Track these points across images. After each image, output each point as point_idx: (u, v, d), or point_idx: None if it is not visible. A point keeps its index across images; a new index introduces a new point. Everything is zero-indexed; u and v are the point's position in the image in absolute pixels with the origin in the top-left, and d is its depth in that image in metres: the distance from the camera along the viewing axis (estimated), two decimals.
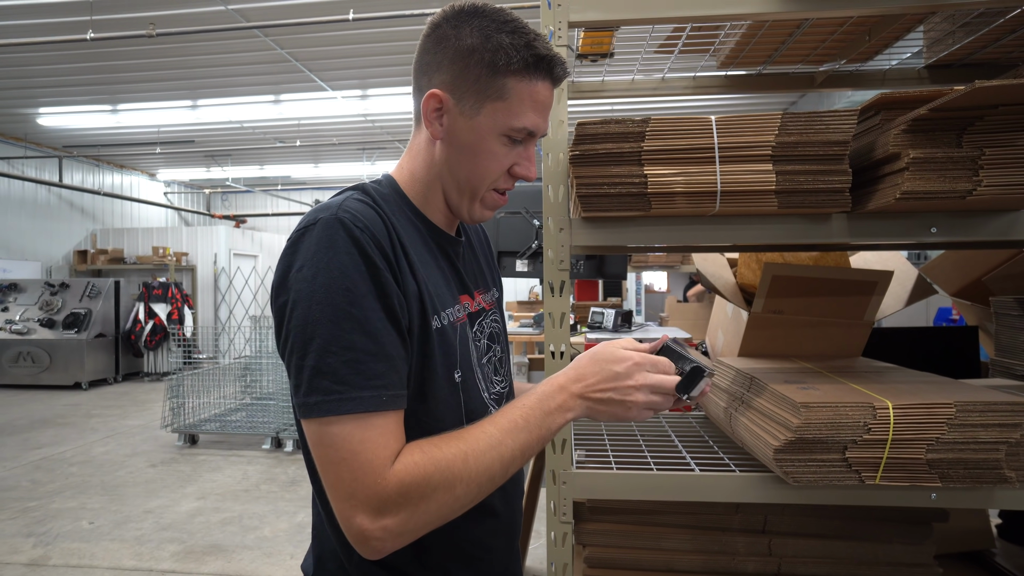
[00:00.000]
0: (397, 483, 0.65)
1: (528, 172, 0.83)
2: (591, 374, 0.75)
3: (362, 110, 7.39)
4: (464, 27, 0.77)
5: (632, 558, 1.35)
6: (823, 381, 1.15)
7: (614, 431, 1.45)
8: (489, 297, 0.94)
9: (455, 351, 0.79)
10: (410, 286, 0.74)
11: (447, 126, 0.79)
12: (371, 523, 0.64)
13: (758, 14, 1.03)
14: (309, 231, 0.70)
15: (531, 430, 0.72)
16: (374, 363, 0.66)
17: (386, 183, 0.84)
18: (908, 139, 0.90)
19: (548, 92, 0.80)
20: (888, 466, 0.98)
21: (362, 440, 0.64)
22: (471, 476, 0.68)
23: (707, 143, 0.97)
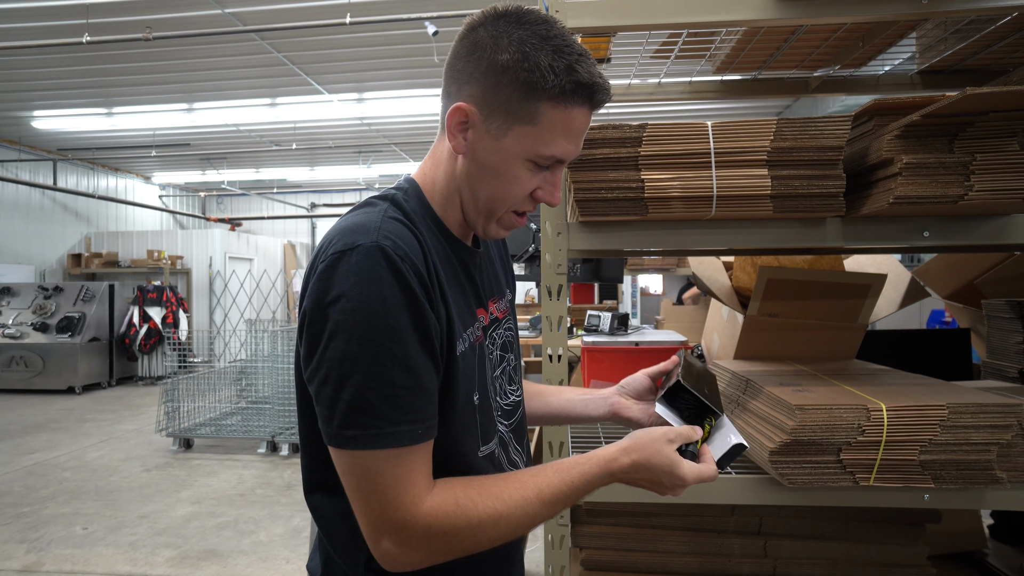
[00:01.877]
0: (425, 525, 0.66)
1: (552, 198, 0.78)
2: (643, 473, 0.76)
3: (359, 113, 7.40)
4: (503, 38, 0.70)
5: (628, 560, 1.36)
6: (818, 383, 1.16)
7: (612, 435, 1.46)
8: (503, 304, 0.92)
9: (474, 374, 0.79)
10: (442, 312, 0.73)
11: (471, 142, 0.74)
12: (395, 548, 0.67)
13: (753, 21, 1.04)
14: (347, 257, 0.67)
15: (567, 503, 0.74)
16: (412, 398, 0.66)
17: (412, 193, 0.79)
18: (901, 144, 0.91)
19: (585, 119, 0.74)
20: (882, 467, 0.99)
21: (395, 475, 0.65)
22: (498, 536, 0.70)
23: (703, 148, 0.98)
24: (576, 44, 0.71)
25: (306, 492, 0.79)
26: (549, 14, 0.75)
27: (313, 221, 13.65)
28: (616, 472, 0.76)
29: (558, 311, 1.10)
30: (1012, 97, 0.84)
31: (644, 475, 0.76)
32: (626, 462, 0.76)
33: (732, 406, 1.27)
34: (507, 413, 0.87)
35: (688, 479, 0.76)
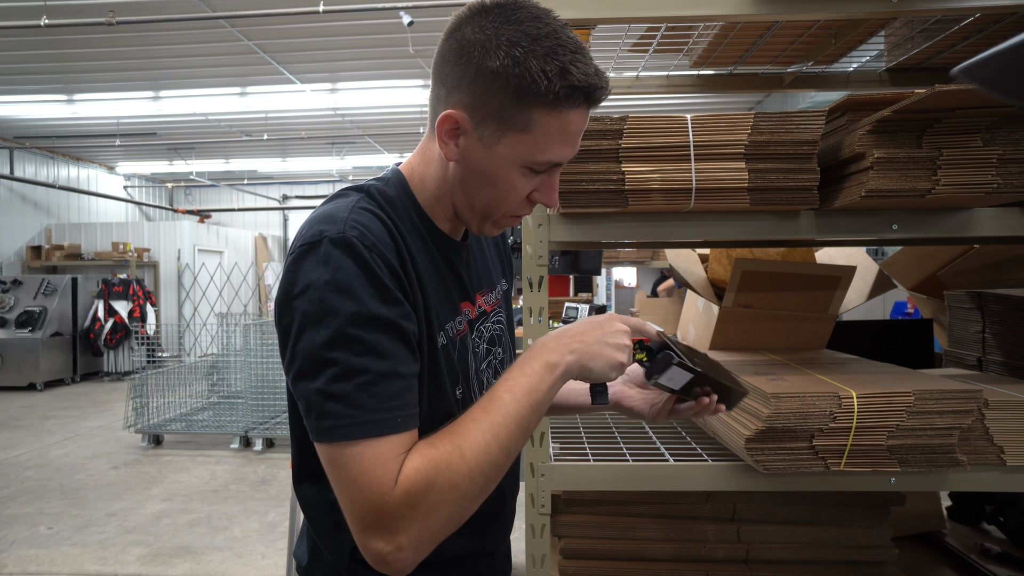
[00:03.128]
0: (402, 494, 0.63)
1: (549, 200, 0.75)
2: (574, 329, 0.74)
3: (332, 104, 7.28)
4: (491, 40, 0.66)
5: (607, 548, 1.38)
6: (791, 372, 1.19)
7: (590, 425, 1.48)
8: (492, 297, 0.90)
9: (455, 368, 0.78)
10: (419, 302, 0.71)
11: (463, 149, 0.71)
12: (385, 544, 0.63)
13: (729, 16, 1.06)
14: (314, 249, 0.66)
15: (519, 400, 0.68)
16: (387, 384, 0.65)
17: (394, 182, 0.78)
18: (872, 139, 0.94)
19: (582, 119, 0.71)
20: (852, 453, 1.03)
21: (372, 459, 0.63)
22: (471, 467, 0.65)
23: (683, 141, 0.99)
24: (570, 40, 0.67)
25: (295, 481, 0.79)
26: (540, 6, 0.70)
27: (285, 213, 13.42)
28: (545, 342, 0.73)
29: (539, 302, 1.10)
30: (977, 95, 0.87)
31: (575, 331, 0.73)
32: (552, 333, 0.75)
33: None
34: None
35: (614, 316, 0.75)
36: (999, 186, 0.93)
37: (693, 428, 1.42)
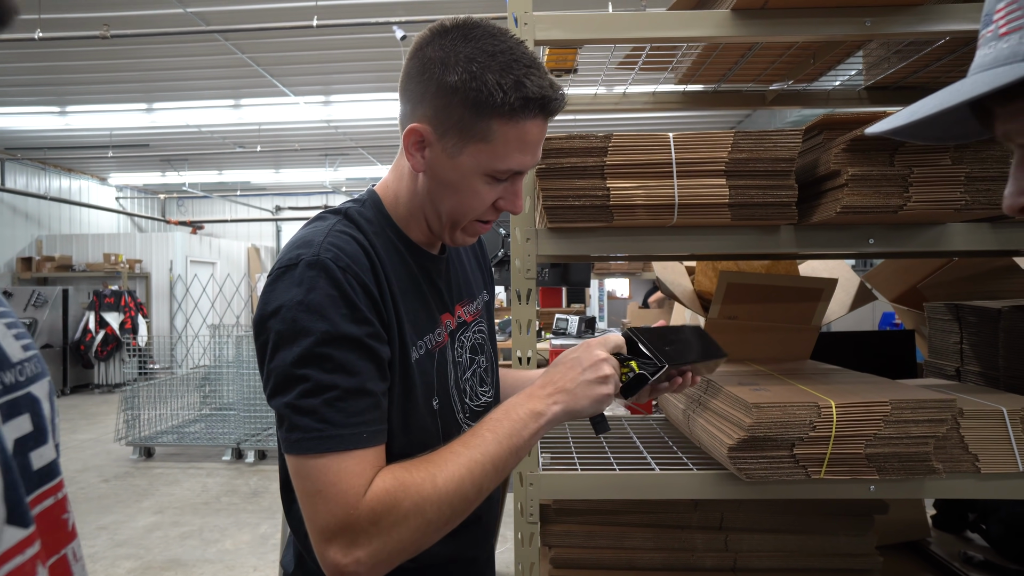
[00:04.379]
0: (368, 511, 0.64)
1: (513, 207, 0.79)
2: (558, 374, 0.76)
3: (325, 116, 7.32)
4: (450, 57, 0.70)
5: (596, 557, 1.40)
6: (774, 383, 1.22)
7: (579, 435, 1.50)
8: (474, 307, 0.93)
9: (432, 379, 0.80)
10: (391, 319, 0.74)
11: (428, 161, 0.75)
12: (344, 556, 0.64)
13: (710, 37, 1.10)
14: (290, 271, 0.69)
15: (500, 442, 0.70)
16: (355, 401, 0.67)
17: (370, 203, 0.81)
18: (847, 157, 0.98)
19: (539, 130, 0.74)
20: (831, 461, 1.05)
21: (338, 472, 0.65)
22: (441, 498, 0.67)
23: (665, 159, 1.03)
24: (525, 55, 0.72)
25: (282, 493, 0.80)
26: (497, 26, 0.74)
27: (278, 224, 13.41)
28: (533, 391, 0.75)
29: (527, 315, 1.13)
30: None
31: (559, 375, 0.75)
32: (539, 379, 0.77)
33: (694, 405, 1.33)
34: (476, 414, 0.88)
35: (593, 342, 0.77)
36: (967, 203, 0.96)
37: (679, 437, 1.45)
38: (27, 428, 0.36)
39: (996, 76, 0.43)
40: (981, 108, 0.45)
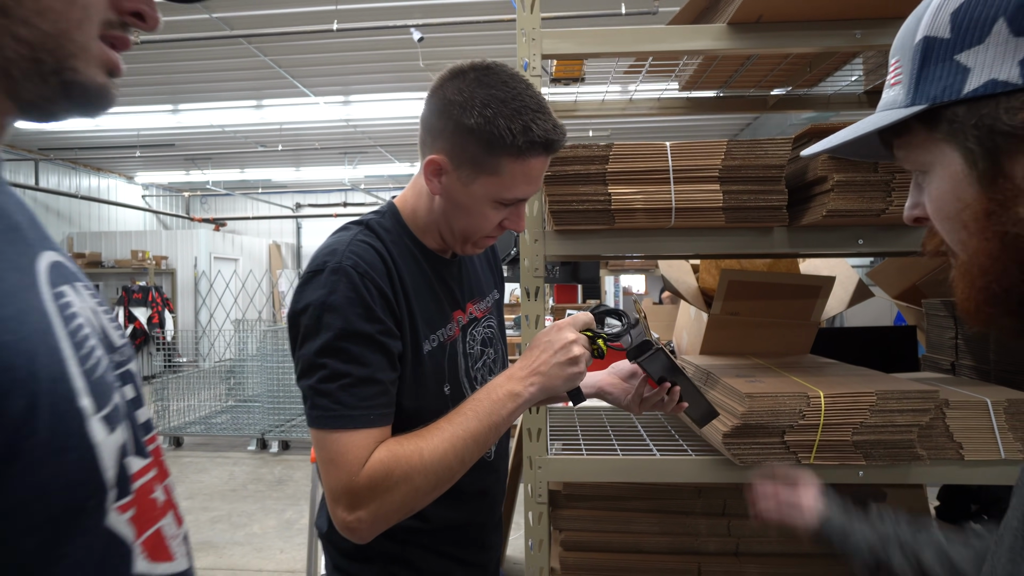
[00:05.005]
0: (366, 478, 0.76)
1: (517, 227, 0.90)
2: (533, 357, 0.84)
3: (344, 115, 7.46)
4: (468, 101, 0.80)
5: (604, 540, 1.48)
6: (769, 375, 1.29)
7: (586, 423, 1.58)
8: (484, 305, 1.03)
9: (443, 369, 0.91)
10: (405, 318, 0.85)
11: (445, 186, 0.86)
12: (348, 515, 0.77)
13: (707, 50, 1.17)
14: (317, 276, 0.81)
15: (480, 419, 0.80)
16: (365, 388, 0.78)
17: (389, 215, 0.92)
18: (833, 164, 1.04)
19: (542, 164, 0.85)
20: (820, 447, 1.12)
21: (346, 445, 0.77)
22: (427, 468, 0.77)
23: (663, 166, 1.10)
24: (532, 100, 0.82)
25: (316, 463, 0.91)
26: (509, 70, 0.84)
27: (298, 221, 13.64)
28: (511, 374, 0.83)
29: (536, 310, 1.22)
30: None
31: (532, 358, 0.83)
32: (516, 362, 0.85)
33: None
34: None
35: (563, 324, 0.85)
36: None
37: (681, 426, 1.52)
38: (132, 394, 0.47)
39: (879, 119, 0.52)
40: (883, 137, 0.54)
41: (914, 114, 0.49)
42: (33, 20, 0.40)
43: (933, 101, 0.48)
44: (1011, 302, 0.47)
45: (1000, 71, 0.45)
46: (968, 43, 0.47)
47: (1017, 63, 0.45)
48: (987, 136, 0.47)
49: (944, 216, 0.52)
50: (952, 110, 0.48)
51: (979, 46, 0.46)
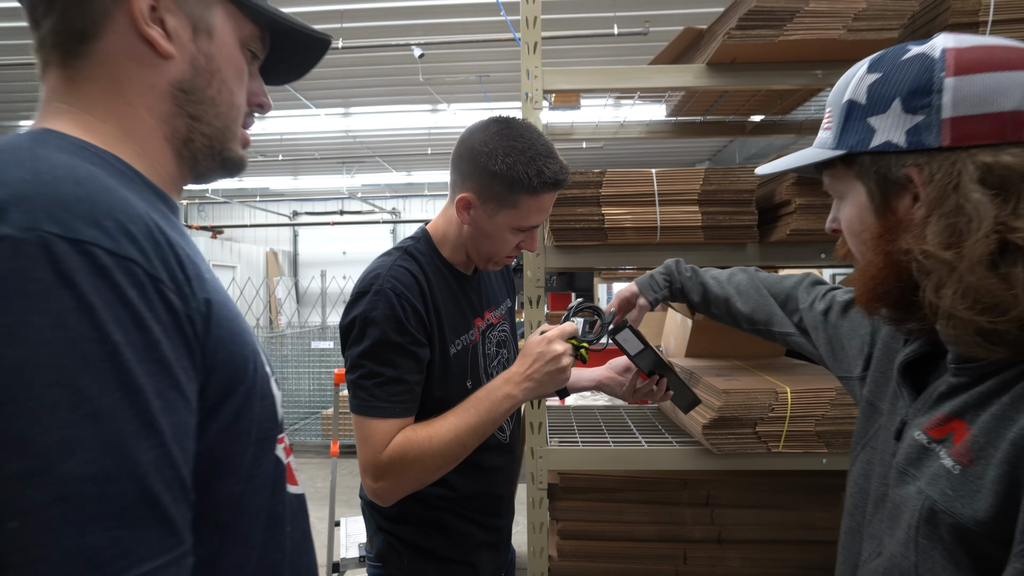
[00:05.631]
0: (387, 458, 0.95)
1: (531, 248, 1.11)
2: (524, 365, 1.00)
3: (344, 126, 7.61)
4: (493, 151, 0.98)
5: (598, 529, 1.61)
6: (745, 374, 1.44)
7: (584, 423, 1.73)
8: (499, 312, 1.22)
9: (466, 367, 1.09)
10: (435, 328, 1.03)
11: (473, 218, 1.04)
12: (374, 484, 0.97)
13: (687, 87, 1.33)
14: (364, 296, 1.00)
15: (481, 415, 0.98)
16: (394, 386, 0.97)
17: (423, 240, 1.11)
18: (796, 190, 1.20)
19: (552, 198, 1.04)
20: (788, 437, 1.28)
21: (375, 430, 0.96)
22: (436, 452, 0.96)
23: (649, 190, 1.26)
24: (543, 148, 1.00)
25: None
26: (525, 123, 1.02)
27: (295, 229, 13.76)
28: (509, 377, 0.99)
29: (537, 316, 1.37)
30: None
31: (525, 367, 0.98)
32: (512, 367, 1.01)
33: None
34: None
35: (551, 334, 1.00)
36: None
37: (668, 424, 1.67)
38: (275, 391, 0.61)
39: (814, 154, 0.68)
40: (816, 166, 0.69)
41: (837, 156, 0.65)
42: (213, 122, 0.57)
43: (850, 149, 0.64)
44: (889, 300, 0.63)
45: (894, 136, 0.61)
46: (876, 111, 0.62)
47: (904, 132, 0.60)
48: (882, 180, 0.62)
49: (851, 233, 0.68)
50: (862, 157, 0.63)
51: (883, 114, 0.62)
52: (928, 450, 0.60)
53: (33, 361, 0.37)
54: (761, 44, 1.21)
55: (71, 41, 0.51)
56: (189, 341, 0.46)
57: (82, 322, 0.39)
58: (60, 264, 0.38)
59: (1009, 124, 0.56)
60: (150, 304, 0.42)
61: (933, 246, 0.56)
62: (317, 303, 11.96)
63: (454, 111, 6.24)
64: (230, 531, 0.51)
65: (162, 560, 0.40)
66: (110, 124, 0.52)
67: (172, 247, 0.46)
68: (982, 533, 0.52)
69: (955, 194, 0.56)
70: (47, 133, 0.49)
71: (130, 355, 0.40)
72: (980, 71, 0.56)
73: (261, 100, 0.63)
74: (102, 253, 0.40)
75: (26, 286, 0.37)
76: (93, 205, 0.42)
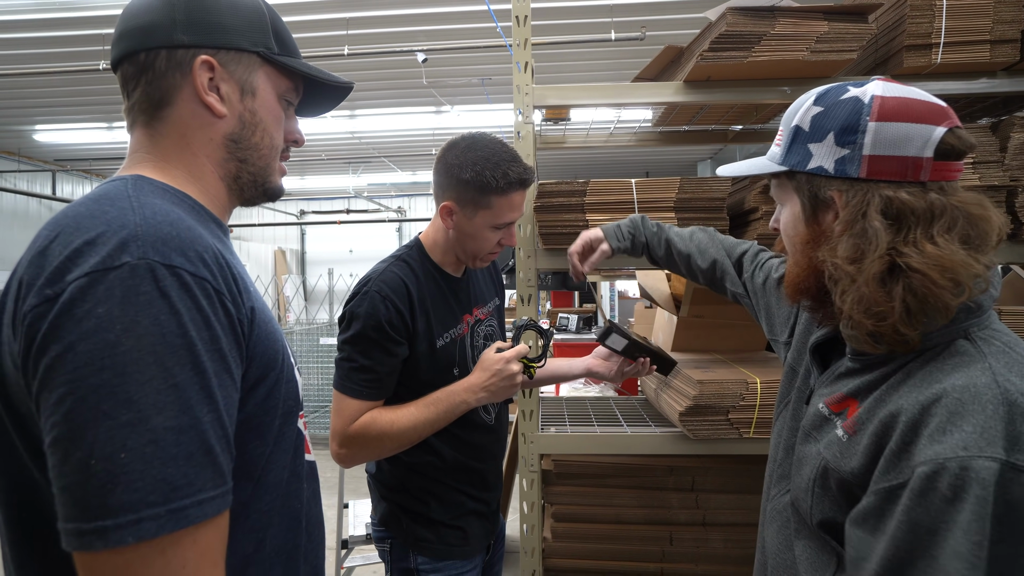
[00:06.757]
0: (353, 431, 1.12)
1: (511, 242, 1.25)
2: (479, 379, 1.17)
3: (350, 128, 7.75)
4: (463, 163, 1.14)
5: (590, 513, 1.72)
6: (722, 367, 1.56)
7: (574, 412, 1.85)
8: (486, 308, 1.36)
9: (454, 357, 1.23)
10: (421, 325, 1.18)
11: (455, 222, 1.19)
12: (338, 449, 1.15)
13: (665, 102, 1.45)
14: (357, 295, 1.17)
15: (438, 414, 1.15)
16: (365, 373, 1.14)
17: (415, 248, 1.26)
18: (762, 198, 1.32)
19: (521, 196, 1.18)
20: (758, 424, 1.39)
21: (347, 405, 1.14)
22: (394, 435, 1.13)
23: (629, 198, 1.38)
24: (507, 153, 1.15)
25: None
26: (490, 136, 1.17)
27: (302, 228, 13.92)
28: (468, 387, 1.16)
29: (529, 313, 1.49)
30: None
31: (480, 379, 1.16)
32: (470, 376, 1.18)
33: (663, 385, 1.67)
34: None
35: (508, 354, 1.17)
36: None
37: (652, 412, 1.79)
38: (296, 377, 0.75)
39: (764, 165, 0.80)
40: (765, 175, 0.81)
41: (782, 170, 0.77)
42: (256, 162, 0.72)
43: (792, 167, 0.76)
44: (808, 295, 0.75)
45: (825, 162, 0.72)
46: (815, 139, 0.73)
47: (834, 160, 0.71)
48: (813, 197, 0.74)
49: (786, 235, 0.80)
50: (800, 175, 0.75)
51: (820, 143, 0.73)
52: (828, 420, 0.73)
53: (140, 346, 0.52)
54: (732, 64, 1.32)
55: (152, 108, 0.67)
56: (239, 338, 0.61)
57: (171, 322, 0.54)
58: (160, 282, 0.54)
59: (910, 167, 0.67)
60: (215, 310, 0.58)
61: (842, 259, 0.68)
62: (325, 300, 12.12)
63: (457, 112, 6.35)
64: (261, 482, 0.66)
65: (213, 493, 0.55)
66: (181, 169, 0.68)
67: (230, 268, 0.62)
68: (855, 483, 0.65)
69: (863, 220, 0.68)
70: (140, 179, 0.64)
71: (201, 346, 0.55)
72: (895, 120, 0.68)
73: (296, 137, 0.78)
74: (186, 274, 0.56)
75: (138, 297, 0.53)
76: (181, 241, 0.57)
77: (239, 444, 0.61)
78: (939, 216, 0.66)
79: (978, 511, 0.54)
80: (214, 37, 0.67)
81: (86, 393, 0.50)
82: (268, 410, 0.65)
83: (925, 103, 0.69)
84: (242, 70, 0.69)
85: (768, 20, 1.30)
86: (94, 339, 0.51)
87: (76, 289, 0.52)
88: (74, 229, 0.55)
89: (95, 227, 0.55)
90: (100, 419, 0.50)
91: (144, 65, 0.66)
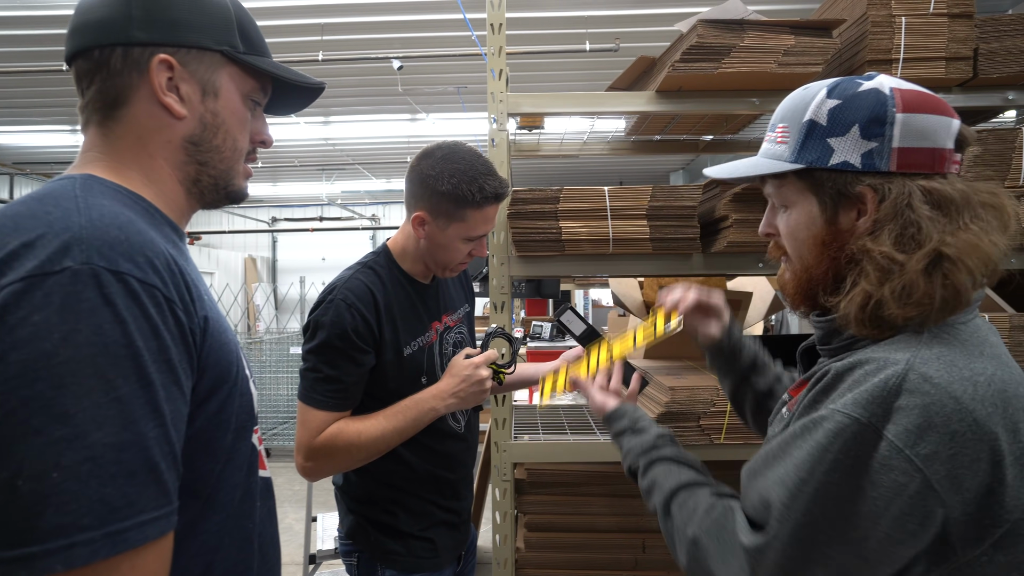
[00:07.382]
0: (319, 444, 1.09)
1: (481, 254, 1.24)
2: (448, 385, 1.15)
3: (324, 135, 7.68)
4: (439, 174, 1.13)
5: (564, 521, 1.72)
6: (694, 374, 1.57)
7: (547, 420, 1.84)
8: (456, 316, 1.35)
9: (422, 365, 1.21)
10: (387, 333, 1.15)
11: (427, 232, 1.18)
12: (303, 462, 1.12)
13: (638, 111, 1.47)
14: (321, 303, 1.15)
15: (407, 422, 1.13)
16: (330, 384, 1.11)
17: (383, 255, 1.24)
18: (733, 206, 1.34)
19: (495, 210, 1.18)
20: (728, 430, 1.40)
21: (312, 417, 1.11)
22: (361, 446, 1.11)
23: (602, 206, 1.38)
24: (483, 167, 1.14)
25: None
26: (466, 147, 1.16)
27: (274, 235, 13.71)
28: (436, 394, 1.14)
29: (502, 321, 1.48)
30: None
31: (449, 386, 1.14)
32: (439, 384, 1.16)
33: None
34: None
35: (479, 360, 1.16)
36: None
37: None
38: None
39: (770, 164, 0.75)
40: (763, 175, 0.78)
41: (794, 169, 0.72)
42: (218, 165, 0.69)
43: (809, 164, 0.71)
44: (814, 299, 0.74)
45: (851, 157, 0.69)
46: (836, 133, 0.70)
47: (860, 155, 0.69)
48: (836, 195, 0.71)
49: (795, 237, 0.76)
50: (819, 172, 0.71)
51: (843, 137, 0.69)
52: (783, 402, 0.77)
53: (79, 357, 0.49)
54: (703, 75, 1.34)
55: (106, 107, 0.64)
56: (190, 348, 0.58)
57: (116, 331, 0.51)
58: (104, 289, 0.51)
59: (937, 158, 0.67)
60: (164, 319, 0.55)
61: (890, 249, 0.66)
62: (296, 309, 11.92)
63: (433, 120, 6.35)
64: (210, 501, 0.62)
65: (156, 513, 0.52)
66: (135, 171, 0.65)
67: (183, 275, 0.59)
68: None
69: (909, 210, 0.66)
70: (90, 179, 0.61)
71: (148, 357, 0.52)
72: (920, 111, 0.67)
73: (263, 138, 0.76)
74: (134, 281, 0.53)
75: (80, 304, 0.50)
76: (130, 246, 0.54)
77: (188, 461, 0.57)
78: (970, 205, 0.67)
79: (814, 454, 0.61)
80: (174, 35, 0.64)
81: (16, 407, 0.47)
82: (220, 424, 0.62)
83: (934, 95, 0.69)
84: (204, 69, 0.66)
85: (737, 33, 1.32)
86: (28, 349, 0.48)
87: (10, 294, 0.49)
88: (12, 230, 0.52)
89: (35, 228, 0.52)
90: (30, 435, 0.47)
91: (99, 62, 0.63)
